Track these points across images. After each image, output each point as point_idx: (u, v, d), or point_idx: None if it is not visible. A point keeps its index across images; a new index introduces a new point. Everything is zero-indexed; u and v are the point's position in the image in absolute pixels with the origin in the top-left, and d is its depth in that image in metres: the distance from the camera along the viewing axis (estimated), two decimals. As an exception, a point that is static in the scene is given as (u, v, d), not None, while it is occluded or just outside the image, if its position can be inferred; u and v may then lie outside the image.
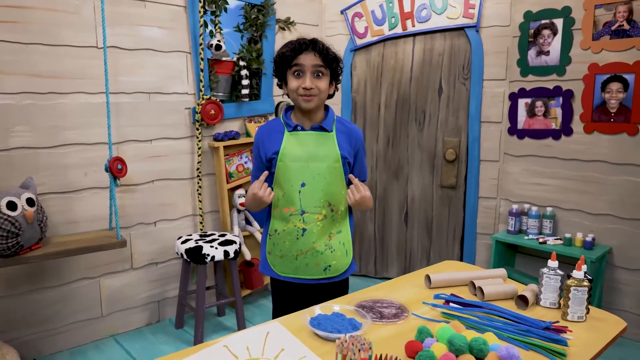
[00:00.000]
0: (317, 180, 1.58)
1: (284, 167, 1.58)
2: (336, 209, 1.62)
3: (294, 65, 1.54)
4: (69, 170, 2.36)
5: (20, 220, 1.92)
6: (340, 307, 1.29)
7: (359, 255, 3.50)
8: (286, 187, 1.59)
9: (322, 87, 1.56)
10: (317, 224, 1.59)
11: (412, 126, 3.24)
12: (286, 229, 1.61)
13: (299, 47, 1.53)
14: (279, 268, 1.65)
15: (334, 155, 1.60)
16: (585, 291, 1.31)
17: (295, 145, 1.59)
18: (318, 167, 1.58)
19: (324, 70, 1.56)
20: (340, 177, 1.62)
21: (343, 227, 1.66)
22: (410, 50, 3.16)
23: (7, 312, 2.25)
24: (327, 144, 1.60)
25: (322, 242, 1.61)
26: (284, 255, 1.63)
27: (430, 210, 3.27)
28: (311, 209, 1.59)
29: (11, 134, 2.18)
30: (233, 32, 2.97)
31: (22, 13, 2.15)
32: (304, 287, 1.65)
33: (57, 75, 2.27)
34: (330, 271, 1.63)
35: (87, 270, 2.48)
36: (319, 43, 1.55)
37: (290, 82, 1.56)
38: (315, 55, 1.53)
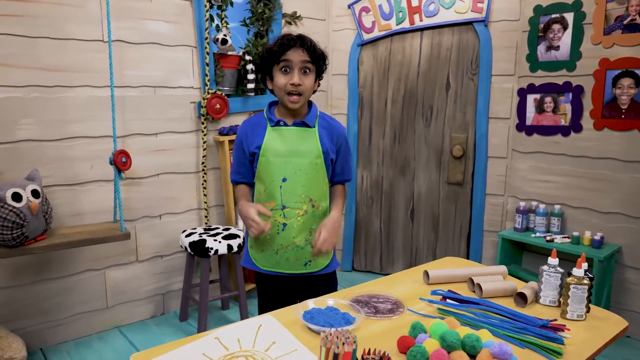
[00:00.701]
0: (298, 176, 1.58)
1: (265, 162, 1.59)
2: (317, 205, 1.62)
3: (282, 61, 1.53)
4: (74, 163, 2.38)
5: (25, 211, 1.94)
6: (334, 302, 1.29)
7: (364, 250, 3.49)
8: (267, 182, 1.59)
9: (308, 84, 1.56)
10: (298, 219, 1.60)
11: (419, 122, 3.21)
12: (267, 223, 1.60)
13: (287, 43, 1.52)
14: (260, 262, 1.66)
15: (316, 151, 1.60)
16: (585, 289, 1.29)
17: (278, 140, 1.59)
18: (300, 163, 1.58)
19: (311, 67, 1.56)
20: (322, 173, 1.63)
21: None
22: (417, 45, 3.13)
23: (13, 302, 2.29)
24: (309, 139, 1.60)
25: (302, 237, 1.61)
26: (265, 249, 1.64)
27: (436, 206, 3.25)
28: (292, 204, 1.59)
29: (18, 126, 2.21)
30: (240, 27, 2.96)
31: (28, 7, 2.17)
32: (287, 280, 1.66)
33: (63, 68, 2.29)
34: (310, 266, 1.65)
35: (93, 262, 2.51)
36: (306, 39, 1.55)
37: (277, 79, 1.56)
38: (303, 51, 1.53)
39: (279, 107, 1.64)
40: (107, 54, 2.31)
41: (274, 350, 1.08)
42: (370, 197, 3.42)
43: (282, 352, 1.07)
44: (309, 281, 1.67)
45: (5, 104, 2.17)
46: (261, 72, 1.63)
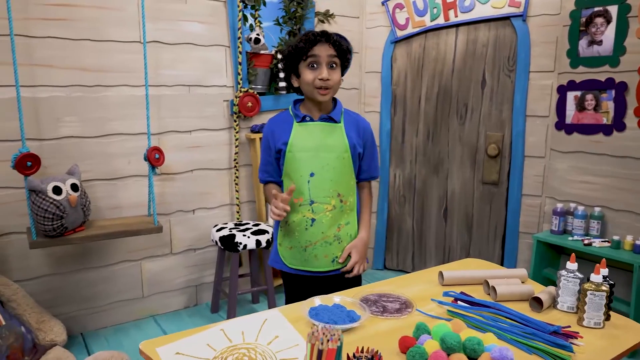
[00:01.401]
0: (326, 170, 1.58)
1: (292, 157, 1.59)
2: (345, 200, 1.62)
3: (309, 57, 1.54)
4: (113, 159, 2.51)
5: (64, 203, 2.07)
6: (340, 299, 1.30)
7: (396, 249, 3.47)
8: (295, 177, 1.60)
9: (336, 78, 1.57)
10: (326, 214, 1.60)
11: (453, 120, 3.15)
12: (296, 219, 1.61)
13: (314, 39, 1.53)
14: (288, 260, 1.67)
15: (343, 145, 1.60)
16: (603, 296, 1.24)
17: (304, 136, 1.59)
18: (327, 157, 1.59)
19: (337, 61, 1.57)
20: (350, 167, 1.62)
21: (351, 219, 1.66)
22: (452, 41, 3.07)
23: (56, 289, 2.44)
24: (336, 134, 1.60)
25: (331, 232, 1.61)
26: (293, 246, 1.64)
27: (470, 206, 3.18)
28: (320, 199, 1.59)
29: (61, 123, 2.35)
30: (273, 26, 3.01)
31: (71, 11, 2.30)
32: (313, 280, 1.66)
33: (103, 69, 2.42)
34: (337, 262, 1.64)
35: (130, 253, 2.63)
36: (331, 34, 1.56)
37: (305, 75, 1.56)
38: (329, 46, 1.54)
39: (304, 103, 1.65)
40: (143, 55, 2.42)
41: (275, 344, 1.11)
42: (403, 195, 3.39)
43: (283, 347, 1.10)
44: (334, 281, 1.65)
45: (50, 102, 2.31)
46: (286, 69, 1.64)
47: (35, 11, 2.22)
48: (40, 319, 2.24)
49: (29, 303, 2.23)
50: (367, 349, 0.92)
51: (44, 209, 2.03)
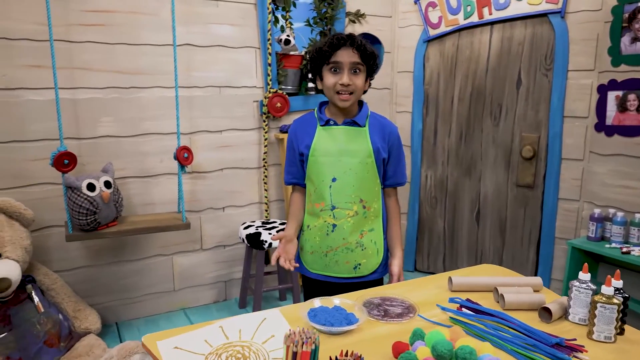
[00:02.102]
0: (348, 175, 1.56)
1: (315, 161, 1.58)
2: (368, 206, 1.60)
3: (331, 62, 1.52)
4: (146, 157, 2.62)
5: (97, 200, 2.19)
6: (340, 301, 1.31)
7: (427, 251, 3.42)
8: (317, 182, 1.59)
9: (358, 84, 1.53)
10: (348, 220, 1.58)
11: (486, 120, 3.07)
12: (317, 224, 1.60)
13: (337, 43, 1.50)
14: (310, 265, 1.66)
15: (366, 150, 1.57)
16: (615, 309, 1.18)
17: (327, 140, 1.58)
18: (350, 162, 1.56)
19: (361, 67, 1.53)
20: (374, 173, 1.59)
21: (376, 225, 1.63)
22: (487, 40, 2.99)
23: (93, 279, 2.58)
24: (360, 138, 1.58)
25: (353, 239, 1.59)
26: (315, 251, 1.63)
27: (504, 209, 3.09)
28: (342, 205, 1.57)
29: (98, 123, 2.48)
30: (304, 27, 3.04)
31: (109, 17, 2.42)
32: (334, 286, 1.63)
33: (137, 71, 2.53)
34: (360, 270, 1.62)
35: (162, 248, 2.74)
36: (357, 39, 1.52)
37: (326, 79, 1.54)
38: (353, 51, 1.50)
39: (329, 106, 1.63)
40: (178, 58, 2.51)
41: (270, 344, 1.13)
42: (434, 197, 3.34)
43: (277, 346, 1.12)
44: (355, 288, 1.59)
45: (89, 104, 2.44)
46: (311, 71, 1.62)
47: (76, 18, 2.35)
48: (77, 307, 2.38)
49: (67, 292, 2.38)
50: (351, 353, 0.93)
51: (79, 205, 2.15)
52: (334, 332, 1.19)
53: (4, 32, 2.22)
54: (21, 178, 2.34)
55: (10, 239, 2.06)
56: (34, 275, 2.27)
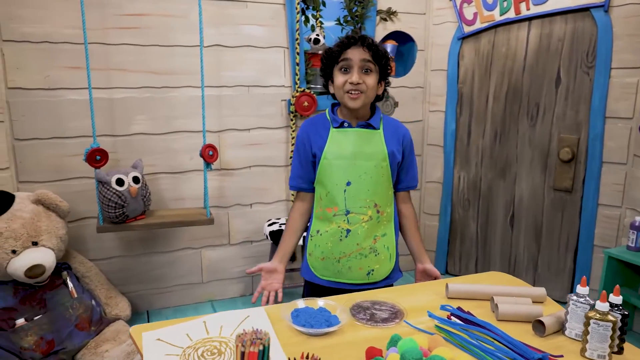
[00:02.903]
0: (363, 179, 1.53)
1: (328, 165, 1.54)
2: (382, 211, 1.58)
3: (341, 61, 1.49)
4: (177, 154, 2.73)
5: (125, 194, 2.31)
6: (324, 303, 1.31)
7: (459, 254, 3.33)
8: (330, 186, 1.55)
9: (370, 83, 1.49)
10: (363, 225, 1.55)
11: (523, 120, 2.94)
12: (329, 229, 1.56)
13: (347, 42, 1.49)
14: (320, 271, 1.62)
15: (381, 153, 1.55)
16: (609, 327, 1.11)
17: (341, 142, 1.54)
18: (365, 166, 1.54)
19: (373, 67, 1.50)
20: (388, 177, 1.57)
21: (388, 230, 1.61)
22: (524, 36, 2.86)
23: (125, 269, 2.73)
24: (374, 141, 1.55)
25: (367, 244, 1.57)
26: (326, 257, 1.59)
27: (540, 214, 2.95)
28: (356, 209, 1.54)
29: (133, 121, 2.61)
30: (335, 26, 3.04)
31: (142, 20, 2.54)
32: (346, 292, 1.55)
33: (169, 71, 2.64)
34: (373, 276, 1.60)
35: (191, 241, 2.85)
36: (368, 38, 1.50)
37: (336, 79, 1.51)
38: (364, 49, 1.48)
39: (341, 108, 1.60)
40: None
41: (248, 341, 1.16)
42: (467, 199, 3.24)
43: (254, 343, 1.15)
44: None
45: (124, 103, 2.58)
46: (323, 75, 1.59)
47: (112, 22, 2.49)
48: (109, 294, 2.53)
49: (100, 280, 2.53)
50: (312, 356, 0.94)
51: (108, 198, 2.28)
52: (313, 333, 1.20)
53: (47, 36, 2.39)
54: (61, 172, 2.51)
55: (46, 229, 2.22)
56: (70, 263, 2.44)
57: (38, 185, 2.47)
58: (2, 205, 2.16)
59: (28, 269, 2.08)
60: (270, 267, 1.62)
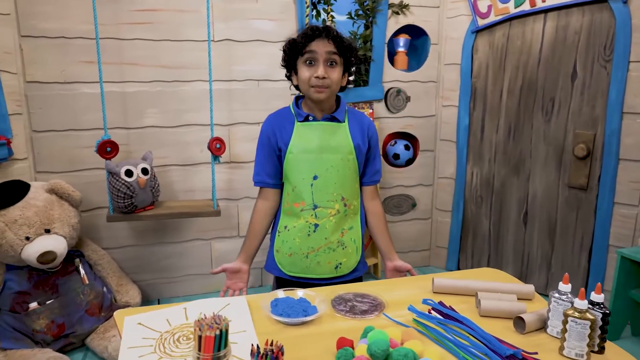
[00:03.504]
0: (330, 173, 1.54)
1: (294, 159, 1.54)
2: (349, 204, 1.58)
3: (305, 53, 1.48)
4: (188, 147, 2.78)
5: (134, 185, 2.38)
6: (303, 293, 1.32)
7: (471, 251, 3.28)
8: (296, 180, 1.55)
9: (334, 77, 1.50)
10: (330, 219, 1.55)
11: (537, 115, 2.86)
12: (297, 225, 1.57)
13: (312, 34, 1.47)
14: (287, 267, 1.62)
15: (347, 147, 1.55)
16: (587, 325, 1.08)
17: (306, 136, 1.55)
18: (331, 159, 1.54)
19: (338, 59, 1.49)
20: (355, 169, 1.58)
21: (355, 223, 1.62)
22: (540, 29, 2.78)
23: (137, 258, 2.81)
24: (340, 134, 1.56)
25: (335, 238, 1.57)
26: (294, 253, 1.58)
27: (554, 212, 2.87)
28: (324, 204, 1.54)
29: (145, 115, 2.68)
30: (347, 20, 3.03)
31: (154, 15, 2.60)
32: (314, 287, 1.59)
33: (180, 66, 2.69)
34: (340, 269, 1.61)
35: (201, 232, 2.91)
36: (332, 30, 1.49)
37: (301, 72, 1.51)
38: (328, 41, 1.47)
39: (305, 101, 1.60)
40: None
41: (225, 328, 1.19)
42: (480, 195, 3.19)
43: (231, 331, 1.17)
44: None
45: (136, 96, 2.65)
46: (286, 66, 1.59)
47: (125, 17, 2.55)
48: (120, 282, 2.61)
49: (112, 268, 2.62)
50: (275, 343, 0.95)
51: (117, 189, 2.35)
52: (289, 322, 1.22)
53: (63, 32, 2.47)
54: (76, 163, 2.60)
55: (59, 217, 2.31)
56: (83, 251, 2.53)
57: (54, 176, 2.56)
58: (18, 194, 2.26)
59: (40, 255, 2.18)
60: (234, 267, 1.65)
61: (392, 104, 3.11)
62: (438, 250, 3.42)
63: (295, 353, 1.11)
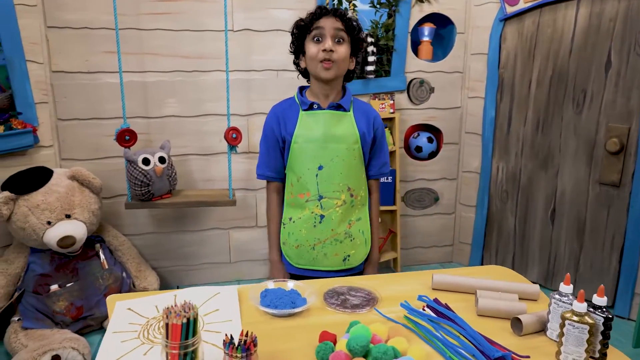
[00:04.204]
0: (335, 163, 1.51)
1: (299, 149, 1.52)
2: (356, 194, 1.55)
3: (313, 30, 1.48)
4: (207, 136, 2.81)
5: (151, 173, 2.42)
6: (294, 284, 1.30)
7: (495, 248, 3.17)
8: (301, 171, 1.53)
9: (342, 52, 1.47)
10: (336, 210, 1.52)
11: (567, 108, 2.72)
12: (302, 216, 1.55)
13: (320, 12, 1.48)
14: (294, 260, 1.60)
15: (353, 136, 1.52)
16: (585, 330, 1.01)
17: (311, 125, 1.52)
18: (336, 149, 1.51)
19: (345, 36, 1.48)
20: (360, 160, 1.54)
21: (362, 214, 1.58)
22: (572, 16, 2.63)
23: (157, 245, 2.87)
24: (345, 123, 1.53)
25: (342, 229, 1.54)
26: (300, 245, 1.57)
27: (583, 209, 2.73)
28: (329, 194, 1.52)
29: (165, 104, 2.72)
30: (369, 9, 2.96)
31: (174, 5, 2.62)
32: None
33: (200, 56, 2.71)
34: (349, 261, 1.58)
35: (220, 222, 2.94)
36: (340, 9, 1.49)
37: (309, 49, 1.50)
38: (336, 19, 1.46)
39: (311, 89, 1.59)
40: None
41: (212, 316, 1.18)
42: (505, 190, 3.07)
43: (216, 319, 1.17)
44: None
45: (157, 86, 2.69)
46: (294, 51, 1.59)
47: (146, 7, 2.59)
48: (139, 268, 2.67)
49: (132, 254, 2.68)
50: (250, 334, 0.94)
51: (134, 177, 2.40)
52: (276, 314, 1.20)
53: (86, 23, 2.53)
54: (98, 151, 2.67)
55: (79, 203, 2.37)
56: (104, 237, 2.60)
57: (78, 163, 2.64)
58: (41, 180, 2.34)
59: (60, 239, 2.25)
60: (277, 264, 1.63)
61: (414, 95, 3.03)
62: (461, 246, 3.32)
63: (278, 345, 1.10)
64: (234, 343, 0.91)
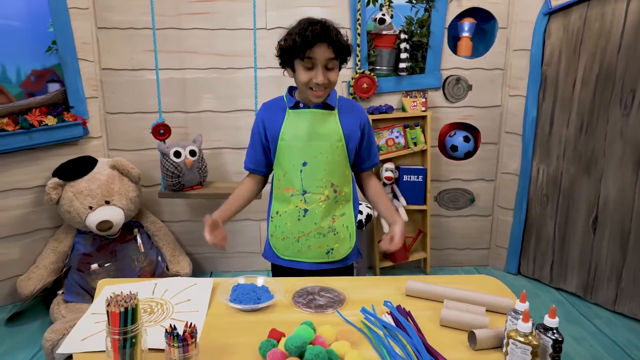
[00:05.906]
0: (319, 160, 1.55)
1: (285, 146, 1.57)
2: (339, 190, 1.58)
3: (305, 58, 1.46)
4: (240, 131, 2.92)
5: (181, 165, 2.58)
6: (264, 281, 1.36)
7: (533, 255, 3.02)
8: (287, 166, 1.58)
9: (333, 79, 1.50)
10: (320, 205, 1.57)
11: (614, 109, 2.52)
12: (287, 210, 1.60)
13: (312, 40, 1.43)
14: (281, 251, 1.65)
15: (337, 134, 1.55)
16: (528, 351, 0.98)
17: (297, 124, 1.57)
18: (320, 146, 1.55)
19: (336, 63, 1.49)
20: (344, 156, 1.57)
21: (347, 210, 1.61)
22: (622, 10, 2.43)
23: (192, 232, 3.04)
24: (330, 121, 1.55)
25: (325, 223, 1.58)
26: (286, 237, 1.62)
27: (628, 218, 2.53)
28: (313, 189, 1.57)
29: (201, 100, 2.87)
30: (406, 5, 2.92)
31: (210, 5, 2.75)
32: (306, 274, 1.61)
33: (234, 53, 2.82)
34: (332, 255, 1.61)
35: (251, 213, 3.05)
36: (332, 32, 1.45)
37: (300, 74, 1.50)
38: (328, 47, 1.44)
39: (298, 92, 1.61)
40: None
41: (182, 306, 1.27)
42: (546, 194, 2.91)
43: (186, 309, 1.26)
44: (328, 274, 1.61)
45: (194, 82, 2.84)
46: (281, 62, 1.57)
47: (184, 8, 2.74)
48: (174, 253, 2.86)
49: (168, 239, 2.87)
50: (192, 326, 1.01)
51: (166, 168, 2.57)
52: (241, 309, 1.27)
53: (131, 24, 2.73)
54: (141, 143, 2.88)
55: (118, 191, 2.59)
56: (142, 222, 2.81)
57: (124, 153, 2.87)
58: (86, 168, 2.58)
59: (98, 223, 2.47)
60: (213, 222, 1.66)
61: (450, 92, 2.95)
62: (498, 250, 3.20)
63: (231, 338, 1.16)
64: (174, 333, 0.99)
